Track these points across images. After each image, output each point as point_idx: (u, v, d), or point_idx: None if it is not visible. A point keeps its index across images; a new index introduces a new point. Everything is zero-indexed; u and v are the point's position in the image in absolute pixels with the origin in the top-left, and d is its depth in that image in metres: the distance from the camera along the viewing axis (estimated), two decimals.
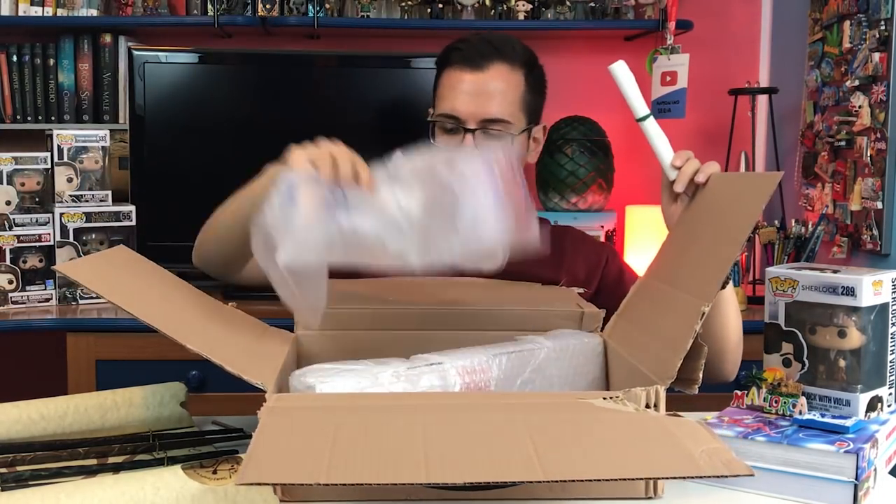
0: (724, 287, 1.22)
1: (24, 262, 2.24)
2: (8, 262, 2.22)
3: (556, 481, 0.72)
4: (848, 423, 1.03)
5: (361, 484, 0.69)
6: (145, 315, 0.98)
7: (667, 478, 0.81)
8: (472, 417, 0.82)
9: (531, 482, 0.74)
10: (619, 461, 0.75)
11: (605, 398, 0.87)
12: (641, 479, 0.83)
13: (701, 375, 0.95)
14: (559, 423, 0.81)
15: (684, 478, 0.75)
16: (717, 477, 0.75)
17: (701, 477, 0.75)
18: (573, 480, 0.74)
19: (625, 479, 0.76)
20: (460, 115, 1.39)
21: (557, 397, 0.90)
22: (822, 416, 1.07)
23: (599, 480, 0.77)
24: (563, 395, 0.90)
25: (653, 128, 1.24)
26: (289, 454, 0.73)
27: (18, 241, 2.23)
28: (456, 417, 0.82)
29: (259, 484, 0.69)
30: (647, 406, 0.87)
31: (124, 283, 1.09)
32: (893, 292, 1.12)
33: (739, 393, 1.13)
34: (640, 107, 1.24)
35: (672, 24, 2.53)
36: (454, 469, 0.71)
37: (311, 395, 0.93)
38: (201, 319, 1.10)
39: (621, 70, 1.22)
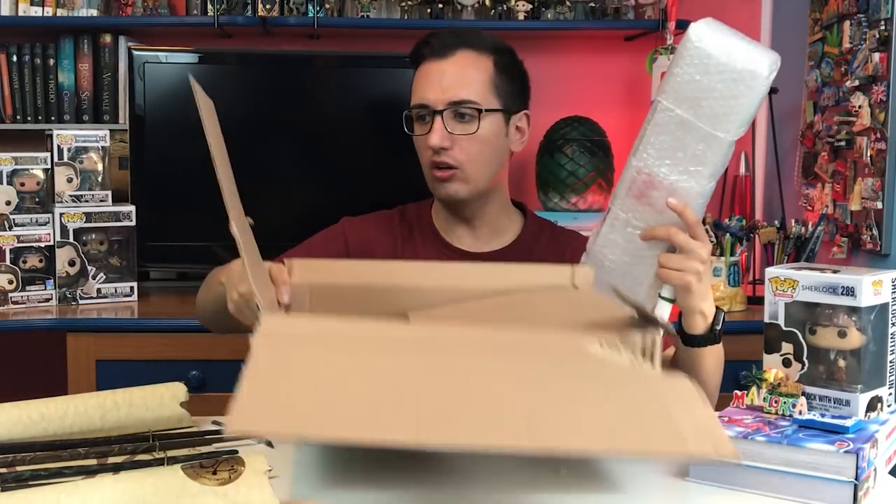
0: (708, 342, 1.27)
1: (24, 262, 2.24)
2: (8, 262, 2.22)
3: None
4: (848, 423, 1.03)
5: (346, 439, 0.68)
6: None
7: (655, 456, 0.81)
8: (466, 364, 0.81)
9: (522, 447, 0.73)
10: (608, 433, 0.74)
11: (601, 344, 0.87)
12: (628, 453, 0.83)
13: None
14: (553, 381, 0.80)
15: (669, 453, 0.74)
16: (706, 459, 0.75)
17: (687, 454, 0.75)
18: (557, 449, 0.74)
19: (609, 450, 0.75)
20: (428, 101, 1.42)
21: (555, 341, 0.89)
22: (822, 416, 1.07)
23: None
24: (561, 337, 0.89)
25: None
26: (277, 402, 0.72)
27: (18, 241, 2.24)
28: (450, 363, 0.80)
29: (248, 436, 0.68)
30: (644, 354, 0.87)
31: None
32: (893, 292, 1.12)
33: (739, 393, 1.13)
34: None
35: (672, 24, 2.52)
36: (444, 431, 0.70)
37: (305, 321, 0.91)
38: None
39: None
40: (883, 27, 2.09)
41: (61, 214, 2.27)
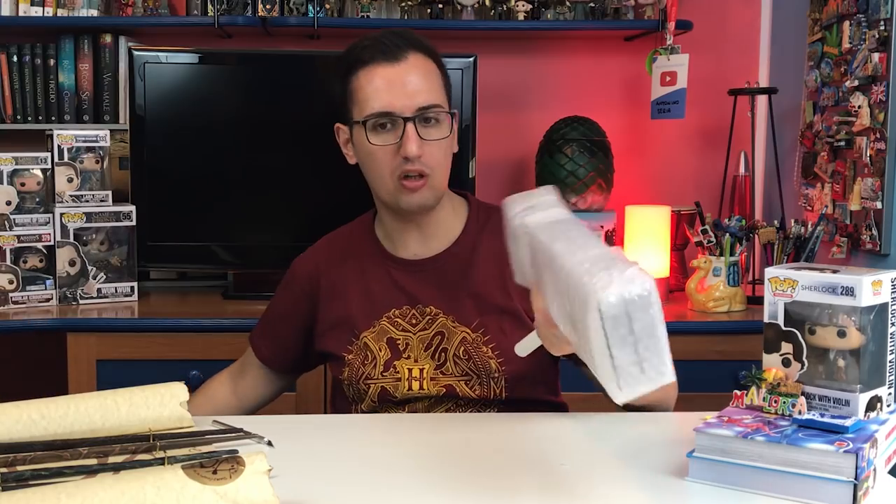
0: None
1: (25, 262, 2.24)
2: (8, 262, 2.22)
3: None
4: (847, 422, 1.03)
5: None
6: None
7: None
8: None
9: None
10: None
11: None
12: None
13: None
14: None
15: None
16: None
17: None
18: None
19: None
20: (395, 109, 1.35)
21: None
22: (822, 415, 1.07)
23: None
24: None
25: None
26: None
27: (19, 241, 2.24)
28: None
29: None
30: None
31: None
32: (893, 292, 1.12)
33: (739, 393, 1.13)
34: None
35: (672, 25, 2.52)
36: None
37: None
38: None
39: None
40: (882, 27, 2.09)
41: (61, 214, 2.27)
